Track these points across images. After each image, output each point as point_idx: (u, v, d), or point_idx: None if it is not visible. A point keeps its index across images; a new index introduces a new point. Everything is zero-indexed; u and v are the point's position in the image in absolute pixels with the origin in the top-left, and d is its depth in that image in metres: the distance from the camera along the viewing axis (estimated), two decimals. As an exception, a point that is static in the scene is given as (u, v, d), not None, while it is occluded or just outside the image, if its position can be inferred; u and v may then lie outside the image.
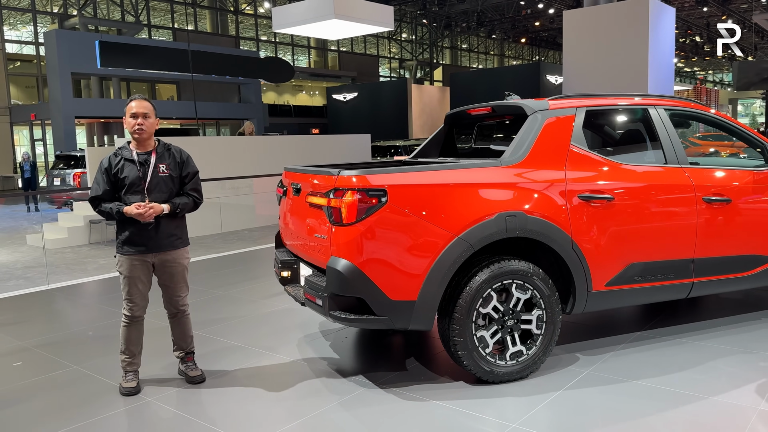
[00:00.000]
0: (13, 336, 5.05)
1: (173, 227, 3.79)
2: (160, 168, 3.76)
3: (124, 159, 3.71)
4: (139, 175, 3.70)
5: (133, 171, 3.70)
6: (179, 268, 3.84)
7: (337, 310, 3.56)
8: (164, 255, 3.77)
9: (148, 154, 3.76)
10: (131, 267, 3.71)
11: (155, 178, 3.74)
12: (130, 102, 3.75)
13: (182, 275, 3.87)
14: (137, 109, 3.71)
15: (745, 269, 4.39)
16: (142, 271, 3.74)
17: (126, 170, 3.69)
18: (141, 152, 3.75)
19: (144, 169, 3.73)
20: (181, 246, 3.86)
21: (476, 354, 3.62)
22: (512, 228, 3.63)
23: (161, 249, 3.76)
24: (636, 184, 4.03)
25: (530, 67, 29.70)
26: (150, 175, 3.73)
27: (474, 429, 3.18)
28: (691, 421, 3.19)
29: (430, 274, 3.50)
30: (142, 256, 3.72)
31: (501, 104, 4.42)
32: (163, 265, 3.78)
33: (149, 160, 3.75)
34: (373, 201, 3.46)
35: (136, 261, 3.71)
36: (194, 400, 3.67)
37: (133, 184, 3.69)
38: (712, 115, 4.58)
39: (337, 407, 3.50)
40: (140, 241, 3.70)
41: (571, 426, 3.21)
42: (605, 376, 3.79)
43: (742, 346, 4.18)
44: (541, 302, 3.75)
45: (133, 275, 3.72)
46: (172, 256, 3.80)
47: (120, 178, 3.68)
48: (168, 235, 3.76)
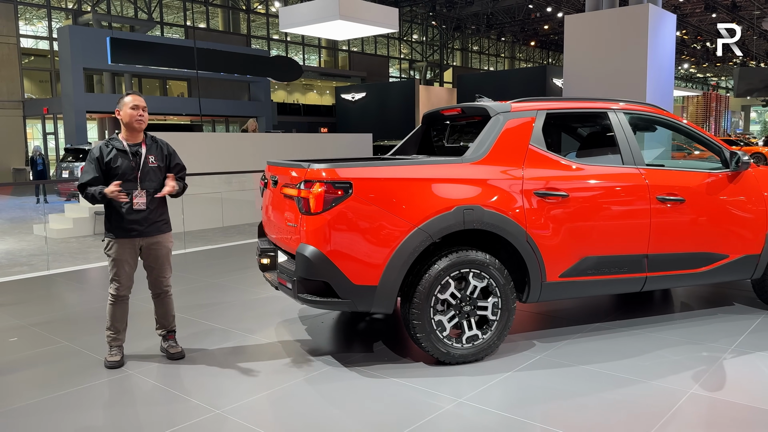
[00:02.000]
0: (11, 315, 5.38)
1: (159, 213, 4.10)
2: (150, 159, 4.06)
3: (116, 149, 4.00)
4: (132, 165, 4.00)
5: (126, 161, 3.99)
6: (164, 251, 4.14)
7: (305, 292, 3.85)
8: (151, 239, 4.07)
9: (138, 146, 4.06)
10: (120, 250, 4.01)
11: (146, 168, 4.04)
12: (126, 96, 4.04)
13: (167, 257, 4.17)
14: (136, 101, 4.01)
15: (698, 266, 4.64)
16: (129, 254, 4.04)
17: (119, 160, 3.98)
18: (132, 144, 4.04)
19: (136, 159, 4.02)
20: (167, 231, 4.17)
21: (434, 336, 3.90)
22: (469, 220, 3.91)
23: (149, 234, 4.06)
24: (590, 183, 4.29)
25: (537, 70, 29.94)
26: (142, 165, 4.03)
27: (424, 402, 3.46)
28: (622, 401, 3.45)
29: (390, 261, 3.78)
30: (131, 240, 4.01)
31: (469, 105, 4.70)
32: (150, 248, 4.09)
33: (140, 151, 4.05)
34: (339, 192, 3.75)
35: (124, 244, 4.01)
36: (172, 374, 3.97)
37: (126, 174, 3.98)
38: (672, 120, 4.82)
39: (302, 382, 3.79)
40: (130, 227, 3.99)
41: (512, 402, 3.49)
42: (555, 361, 4.06)
43: (691, 338, 4.44)
44: (496, 290, 4.02)
45: (121, 258, 4.02)
46: (159, 239, 4.10)
47: (113, 168, 3.96)
48: (155, 220, 4.06)
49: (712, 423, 3.22)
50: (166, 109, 26.71)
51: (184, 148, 11.96)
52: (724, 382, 3.71)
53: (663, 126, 4.92)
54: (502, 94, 20.56)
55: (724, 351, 4.17)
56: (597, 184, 4.31)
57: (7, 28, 25.54)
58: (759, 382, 3.73)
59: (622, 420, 3.24)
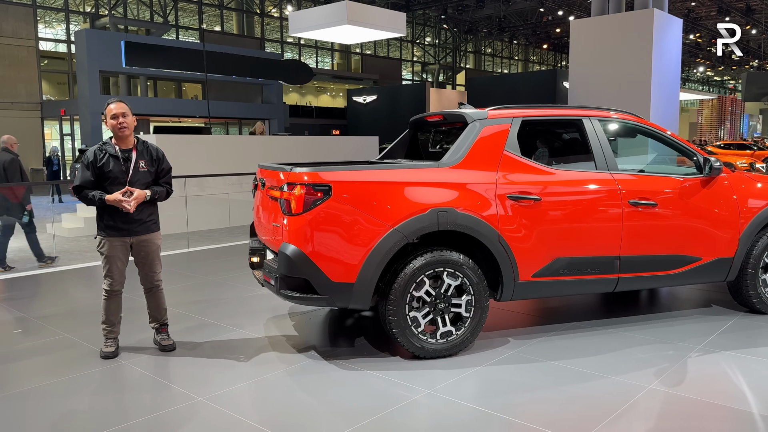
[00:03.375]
0: (17, 309, 5.67)
1: (148, 214, 4.34)
2: (140, 164, 4.31)
3: (108, 154, 4.25)
4: (123, 170, 4.25)
5: (117, 166, 4.24)
6: (154, 248, 4.39)
7: (287, 289, 4.08)
8: (141, 237, 4.32)
9: (129, 151, 4.30)
10: (112, 247, 4.26)
11: (136, 172, 4.29)
12: (108, 105, 4.27)
13: (156, 254, 4.42)
14: (116, 110, 4.24)
15: (671, 268, 4.80)
16: (121, 251, 4.29)
17: (110, 165, 4.23)
18: (123, 149, 4.29)
19: (127, 164, 4.27)
20: (156, 230, 4.42)
21: (408, 332, 4.11)
22: (443, 222, 4.11)
23: (139, 233, 4.31)
24: (563, 187, 4.47)
25: (547, 73, 29.99)
26: (132, 169, 4.27)
27: (395, 393, 3.66)
28: (582, 395, 3.63)
29: (367, 260, 4.00)
30: (122, 238, 4.27)
31: (450, 112, 4.90)
32: (140, 246, 4.34)
33: (131, 156, 4.30)
34: (318, 194, 3.97)
35: (116, 242, 4.26)
36: (161, 364, 4.21)
37: (117, 177, 4.23)
38: (648, 127, 4.98)
39: (283, 373, 4.01)
40: (121, 226, 4.24)
41: (477, 393, 3.69)
42: (526, 357, 4.25)
43: (661, 337, 4.60)
44: (470, 288, 4.22)
45: (113, 255, 4.27)
46: (148, 237, 4.35)
47: (105, 171, 4.21)
48: (144, 220, 4.31)
49: (663, 416, 3.39)
50: (181, 112, 27.12)
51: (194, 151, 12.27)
52: (683, 379, 3.88)
53: (639, 133, 5.09)
54: (511, 97, 20.69)
55: (690, 350, 4.33)
56: (569, 188, 4.49)
57: (27, 31, 26.10)
58: (717, 380, 3.90)
59: (578, 411, 3.43)
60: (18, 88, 25.91)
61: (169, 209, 11.07)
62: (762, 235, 5.02)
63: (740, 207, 4.92)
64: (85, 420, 3.42)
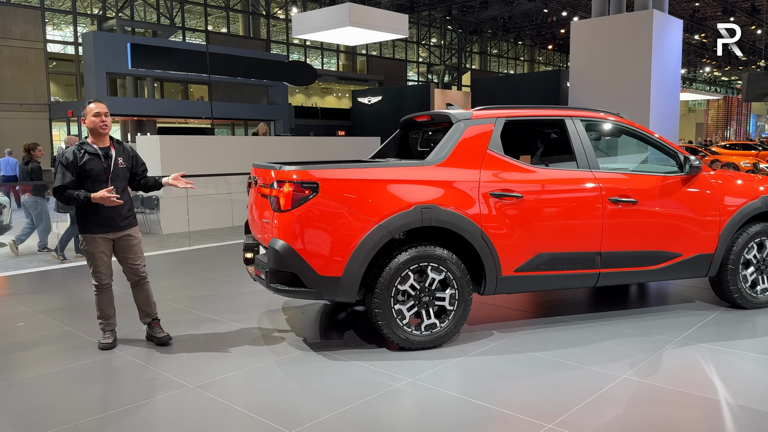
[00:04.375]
0: (20, 303, 5.87)
1: (128, 209, 4.52)
2: (119, 161, 4.48)
3: (88, 153, 4.39)
4: (104, 167, 4.40)
5: (98, 163, 4.38)
6: (136, 242, 4.57)
7: (276, 282, 4.25)
8: (123, 232, 4.48)
9: (107, 149, 4.46)
10: (95, 244, 4.41)
11: (116, 169, 4.45)
12: (89, 104, 4.41)
13: (139, 247, 4.59)
14: (99, 109, 4.39)
15: (651, 264, 4.93)
16: (105, 246, 4.45)
17: (91, 163, 4.35)
18: (101, 147, 4.44)
19: (108, 161, 4.43)
20: (136, 224, 4.62)
21: (394, 324, 4.27)
22: (427, 218, 4.27)
23: (121, 228, 4.47)
24: (544, 185, 4.62)
25: (551, 74, 29.96)
26: (112, 166, 4.44)
27: (378, 381, 3.82)
28: (557, 383, 3.79)
29: (353, 254, 4.16)
30: (105, 235, 4.42)
31: (437, 113, 5.06)
32: (122, 241, 4.50)
33: (110, 153, 4.46)
34: (306, 192, 4.14)
35: (99, 239, 4.42)
36: (155, 355, 4.39)
37: (99, 175, 4.36)
38: (630, 127, 5.12)
39: (272, 363, 4.18)
40: (104, 222, 4.40)
41: (457, 382, 3.86)
42: (508, 348, 4.40)
43: (641, 330, 4.74)
44: (453, 283, 4.38)
45: (96, 250, 4.42)
46: (129, 232, 4.52)
47: (86, 170, 4.34)
48: (125, 216, 4.49)
49: (633, 403, 3.53)
50: (187, 113, 27.38)
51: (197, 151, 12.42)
52: (657, 369, 4.01)
53: (620, 133, 5.23)
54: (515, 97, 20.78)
55: (668, 342, 4.47)
56: (551, 186, 4.64)
57: (35, 33, 26.42)
58: (689, 370, 4.04)
59: (551, 398, 3.58)
60: (26, 89, 26.23)
61: (171, 209, 11.33)
62: (742, 232, 5.15)
63: (720, 204, 5.06)
64: (80, 406, 3.59)
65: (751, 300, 5.23)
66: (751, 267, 5.22)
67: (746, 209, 5.10)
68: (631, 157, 5.52)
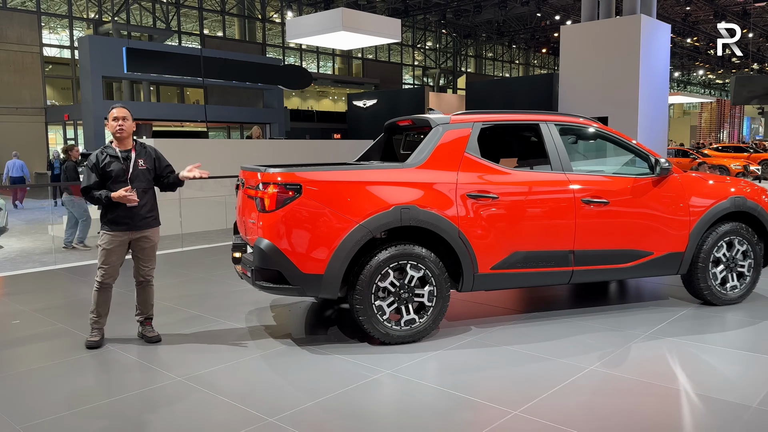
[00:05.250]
0: (16, 302, 6.06)
1: (149, 209, 4.70)
2: (139, 162, 4.68)
3: (109, 156, 4.62)
4: (123, 168, 4.61)
5: (118, 165, 4.61)
6: (151, 243, 4.75)
7: (261, 280, 4.45)
8: (140, 233, 4.67)
9: (128, 152, 4.67)
10: (111, 241, 4.61)
11: (136, 170, 4.66)
12: (111, 109, 4.65)
13: (153, 249, 4.78)
14: (117, 114, 4.62)
15: (623, 261, 5.13)
16: (119, 246, 4.63)
17: (112, 165, 4.59)
18: (123, 150, 4.66)
19: (127, 163, 4.64)
20: (156, 225, 4.78)
21: (374, 320, 4.46)
22: (406, 218, 4.47)
23: (140, 228, 4.66)
24: (519, 187, 4.83)
25: (544, 77, 30.22)
26: (132, 168, 4.64)
27: (357, 373, 4.01)
28: (527, 374, 3.99)
29: (335, 253, 4.36)
30: (122, 233, 4.62)
31: (417, 117, 5.26)
32: (138, 241, 4.69)
33: (130, 156, 4.67)
34: (290, 193, 4.34)
35: (116, 238, 4.61)
36: (146, 351, 4.57)
37: (118, 176, 4.59)
38: (602, 130, 5.32)
39: (257, 357, 4.37)
40: (123, 221, 4.59)
41: (432, 373, 4.06)
42: (484, 342, 4.60)
43: (613, 326, 4.94)
44: (432, 280, 4.58)
45: (111, 249, 4.62)
46: (147, 233, 4.70)
47: (107, 171, 4.57)
48: (144, 216, 4.67)
49: (597, 392, 3.73)
50: (183, 116, 27.56)
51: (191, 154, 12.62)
52: (624, 361, 4.21)
53: (593, 136, 5.44)
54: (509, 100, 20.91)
55: (637, 337, 4.67)
56: (525, 187, 4.84)
57: (31, 37, 26.60)
58: (654, 362, 4.24)
59: (520, 387, 3.78)
60: (23, 93, 26.41)
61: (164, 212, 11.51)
62: (712, 232, 5.35)
63: (690, 205, 5.26)
64: (71, 397, 3.77)
65: (721, 297, 5.43)
66: (721, 265, 5.42)
67: (715, 209, 5.31)
68: (604, 160, 5.73)
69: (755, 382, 3.83)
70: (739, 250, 5.45)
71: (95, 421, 3.43)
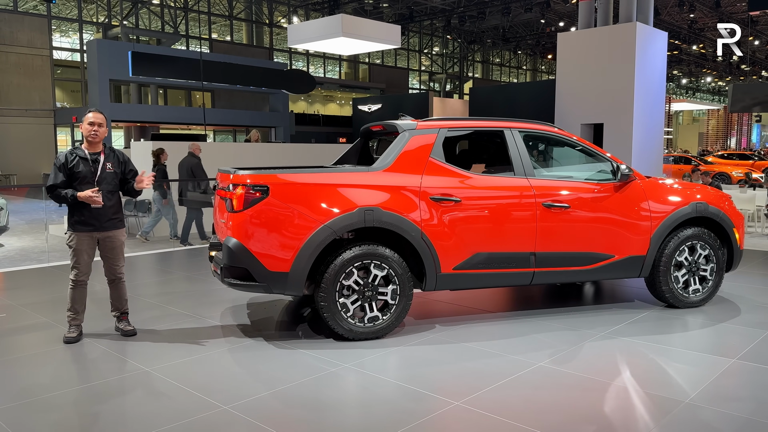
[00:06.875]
0: (6, 298, 6.32)
1: (114, 212, 4.92)
2: (107, 165, 4.90)
3: (78, 157, 4.84)
4: (91, 170, 4.84)
5: (86, 167, 4.83)
6: (118, 243, 4.97)
7: (230, 277, 4.66)
8: (107, 233, 4.90)
9: (97, 154, 4.89)
10: (80, 241, 4.83)
11: (103, 173, 4.88)
12: (87, 113, 4.87)
13: (120, 249, 5.00)
14: (93, 119, 4.83)
15: (584, 264, 5.30)
16: (89, 245, 4.86)
17: (80, 166, 4.81)
18: (92, 152, 4.88)
19: (95, 165, 4.86)
20: (121, 227, 4.99)
21: (338, 317, 4.67)
22: (370, 220, 4.67)
23: (106, 228, 4.88)
24: (481, 191, 5.02)
25: (547, 83, 30.35)
26: (99, 170, 4.87)
27: (316, 366, 4.21)
28: (478, 368, 4.17)
29: (300, 252, 4.57)
30: (89, 233, 4.84)
31: (388, 123, 5.46)
32: (105, 241, 4.91)
33: (99, 158, 4.89)
34: (257, 194, 4.56)
35: (84, 237, 4.84)
36: (120, 344, 4.79)
37: (86, 177, 4.81)
38: (565, 137, 5.49)
39: (224, 351, 4.58)
40: (90, 222, 4.82)
41: (391, 367, 4.26)
42: (444, 339, 4.79)
43: (571, 325, 5.12)
44: (395, 279, 4.77)
45: (81, 248, 4.84)
46: (112, 233, 4.92)
47: (75, 172, 4.79)
48: (110, 217, 4.88)
49: (539, 385, 3.90)
50: (189, 119, 27.93)
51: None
52: (573, 359, 4.39)
53: (555, 143, 5.63)
54: (511, 106, 21.07)
55: (592, 336, 4.85)
56: (487, 192, 5.03)
57: (41, 40, 27.06)
58: (602, 360, 4.41)
59: (467, 381, 3.96)
60: (32, 95, 26.86)
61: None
62: (674, 236, 5.51)
63: (651, 210, 5.43)
64: (44, 385, 4.00)
65: (683, 300, 5.59)
66: (683, 269, 5.58)
67: (676, 215, 5.47)
68: (568, 165, 5.90)
69: (694, 379, 3.99)
70: (701, 255, 5.61)
71: (45, 415, 3.62)
